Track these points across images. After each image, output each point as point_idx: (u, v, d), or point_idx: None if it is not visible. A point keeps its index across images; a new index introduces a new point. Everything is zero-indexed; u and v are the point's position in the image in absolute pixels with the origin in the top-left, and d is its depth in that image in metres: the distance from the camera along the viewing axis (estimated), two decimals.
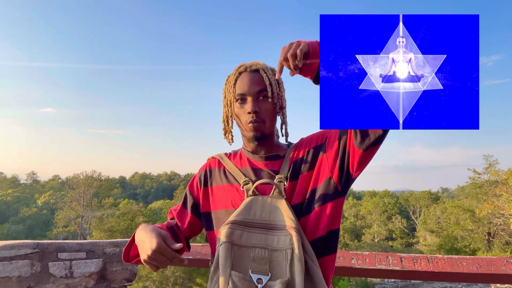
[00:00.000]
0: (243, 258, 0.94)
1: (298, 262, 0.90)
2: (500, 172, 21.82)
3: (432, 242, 27.37)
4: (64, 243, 1.99)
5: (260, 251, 0.95)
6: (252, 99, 1.11)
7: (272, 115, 1.14)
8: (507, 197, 19.05)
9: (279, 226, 0.99)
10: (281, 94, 1.16)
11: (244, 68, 1.15)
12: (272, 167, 1.14)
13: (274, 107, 1.13)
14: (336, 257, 1.12)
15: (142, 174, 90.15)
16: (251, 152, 1.18)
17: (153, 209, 35.08)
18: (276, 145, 1.20)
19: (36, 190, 66.18)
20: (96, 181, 39.49)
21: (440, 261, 1.84)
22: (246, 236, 0.97)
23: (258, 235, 0.98)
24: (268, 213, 1.02)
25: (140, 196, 72.55)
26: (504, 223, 21.97)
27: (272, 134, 1.17)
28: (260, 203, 1.04)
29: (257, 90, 1.11)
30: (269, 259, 0.94)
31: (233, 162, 1.21)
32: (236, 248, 0.95)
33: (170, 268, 17.19)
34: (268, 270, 0.92)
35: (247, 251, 0.95)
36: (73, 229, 37.49)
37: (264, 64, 1.17)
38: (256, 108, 1.10)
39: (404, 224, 41.30)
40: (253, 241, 0.97)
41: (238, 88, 1.13)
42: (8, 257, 1.81)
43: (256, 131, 1.11)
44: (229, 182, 1.16)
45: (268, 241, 0.97)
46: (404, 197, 47.68)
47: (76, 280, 1.95)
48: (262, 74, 1.12)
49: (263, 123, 1.11)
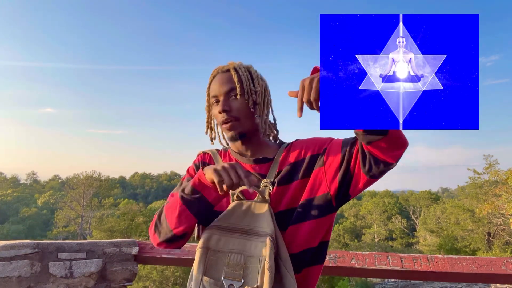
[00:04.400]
0: (217, 263, 0.94)
1: (267, 270, 0.88)
2: (500, 172, 21.83)
3: (432, 242, 27.37)
4: (64, 243, 1.99)
5: (236, 256, 0.94)
6: (223, 99, 1.09)
7: (246, 113, 1.10)
8: (507, 197, 19.05)
9: (259, 232, 0.97)
10: (256, 90, 1.12)
11: (217, 71, 1.14)
12: (260, 170, 1.11)
13: (247, 104, 1.10)
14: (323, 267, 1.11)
15: (142, 174, 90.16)
16: (238, 153, 1.16)
17: (153, 209, 35.05)
18: (264, 145, 1.17)
19: (36, 190, 66.19)
20: (96, 181, 39.52)
21: (440, 261, 1.84)
22: (224, 241, 0.97)
23: (237, 240, 0.97)
24: (249, 218, 1.00)
25: (140, 196, 72.57)
26: (504, 223, 21.97)
27: (254, 132, 1.14)
28: (244, 208, 1.02)
29: (227, 89, 1.09)
30: (244, 265, 0.93)
31: (223, 162, 1.18)
32: (212, 253, 0.95)
33: (170, 268, 17.19)
34: (241, 276, 0.92)
35: (222, 256, 0.95)
36: (73, 229, 37.49)
37: (239, 63, 1.15)
38: (225, 107, 1.08)
39: (404, 224, 41.30)
40: (230, 246, 0.96)
41: (211, 91, 1.13)
42: (8, 257, 1.81)
43: (231, 130, 1.09)
44: None
45: (246, 247, 0.95)
46: (404, 197, 47.69)
47: (76, 280, 1.95)
48: (232, 73, 1.10)
49: (237, 121, 1.09)
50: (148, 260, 2.11)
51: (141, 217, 26.84)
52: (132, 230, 24.01)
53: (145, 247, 2.12)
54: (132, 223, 24.73)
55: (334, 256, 1.98)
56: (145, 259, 2.10)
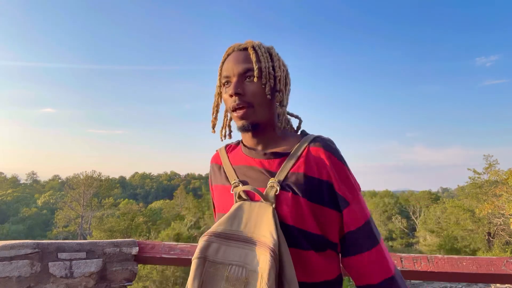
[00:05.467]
0: (215, 277, 0.80)
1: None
2: (500, 172, 21.81)
3: (432, 242, 27.36)
4: (64, 243, 1.99)
5: (237, 269, 0.79)
6: (236, 80, 0.92)
7: (263, 99, 0.93)
8: (507, 197, 19.03)
9: (261, 241, 0.81)
10: (277, 74, 0.95)
11: (233, 48, 0.98)
12: (269, 167, 0.93)
13: (264, 89, 0.92)
14: None
15: (142, 174, 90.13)
16: (248, 146, 1.00)
17: (153, 209, 35.07)
18: (280, 138, 0.98)
19: (36, 190, 66.18)
20: (96, 181, 39.52)
21: (440, 261, 1.84)
22: (223, 250, 0.82)
23: (238, 250, 0.82)
24: (253, 224, 0.85)
25: (140, 196, 72.57)
26: (504, 223, 21.95)
27: (269, 123, 0.97)
28: (247, 211, 0.87)
29: (242, 70, 0.92)
30: (246, 280, 0.78)
31: (230, 158, 1.03)
32: (210, 265, 0.81)
33: (170, 268, 17.18)
34: None
35: (222, 268, 0.80)
36: (73, 229, 37.49)
37: (259, 42, 0.98)
38: (238, 89, 0.91)
39: (404, 224, 41.27)
40: (231, 257, 0.81)
41: (224, 70, 0.96)
42: (8, 257, 1.81)
43: (244, 119, 0.92)
44: (223, 182, 1.01)
45: (248, 259, 0.80)
46: (404, 197, 47.67)
47: (76, 280, 1.95)
48: (250, 52, 0.93)
49: (250, 108, 0.92)
50: (148, 260, 2.11)
51: (141, 217, 26.85)
52: (132, 230, 24.01)
53: (145, 247, 2.12)
54: (132, 223, 24.72)
55: None
56: (145, 259, 2.10)
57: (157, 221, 28.29)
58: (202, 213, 28.44)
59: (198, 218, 28.08)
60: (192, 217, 27.99)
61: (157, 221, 28.29)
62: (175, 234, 20.01)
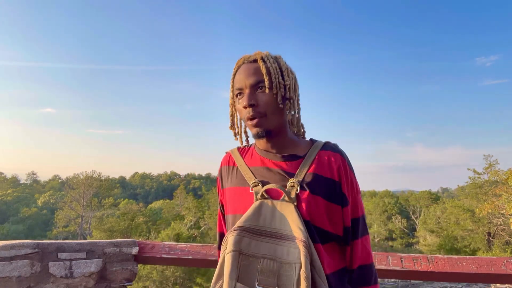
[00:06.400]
0: (250, 269, 0.87)
1: (304, 280, 0.83)
2: (500, 172, 21.81)
3: (432, 242, 27.36)
4: (64, 243, 1.99)
5: (269, 262, 0.87)
6: (248, 92, 1.00)
7: (274, 108, 1.00)
8: (507, 197, 19.02)
9: (289, 236, 0.90)
10: (286, 83, 1.02)
11: (243, 60, 1.05)
12: (289, 168, 1.01)
13: (276, 98, 1.00)
14: None
15: (142, 174, 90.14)
16: (263, 150, 1.07)
17: (153, 209, 35.09)
18: (292, 142, 1.07)
19: (36, 190, 66.17)
20: (96, 181, 39.47)
21: (440, 261, 1.84)
22: (254, 244, 0.90)
23: (267, 244, 0.90)
24: (278, 220, 0.93)
25: (140, 196, 72.57)
26: (504, 223, 21.95)
27: (282, 129, 1.05)
28: (270, 209, 0.95)
29: (253, 81, 1.00)
30: (278, 272, 0.86)
31: (245, 160, 1.09)
32: (243, 258, 0.88)
33: (170, 268, 17.18)
34: (275, 284, 0.86)
35: (255, 261, 0.88)
36: (73, 229, 37.48)
37: (266, 52, 1.05)
38: (252, 101, 0.99)
39: (404, 224, 41.27)
40: (262, 251, 0.89)
41: (236, 82, 1.04)
42: (8, 257, 1.81)
43: (258, 127, 1.00)
44: (239, 183, 1.06)
45: (278, 252, 0.88)
46: (404, 197, 47.65)
47: (76, 280, 1.95)
48: (260, 64, 1.01)
49: (264, 117, 0.99)
50: (148, 260, 2.11)
51: (141, 217, 26.84)
52: (132, 230, 23.99)
53: (145, 247, 2.12)
54: (132, 223, 24.70)
55: None
56: (145, 259, 2.09)
57: (157, 221, 28.25)
58: (202, 213, 28.44)
59: (198, 218, 28.08)
60: (192, 217, 27.99)
61: (157, 221, 28.25)
62: (175, 234, 20.02)
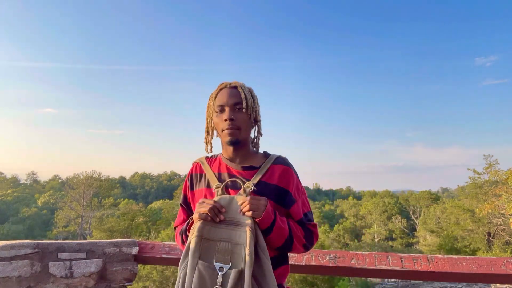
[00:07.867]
0: (209, 250, 1.14)
1: (247, 256, 1.09)
2: (500, 172, 21.79)
3: (432, 242, 27.34)
4: (64, 243, 1.99)
5: (224, 244, 1.15)
6: (229, 109, 1.30)
7: (247, 125, 1.32)
8: (507, 197, 19.02)
9: (241, 223, 1.17)
10: (256, 109, 1.36)
11: (225, 85, 1.35)
12: (246, 176, 1.31)
13: (249, 118, 1.33)
14: None
15: (142, 174, 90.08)
16: (229, 159, 1.36)
17: (153, 209, 35.01)
18: (252, 154, 1.38)
19: (36, 190, 66.12)
20: (96, 181, 39.43)
21: (440, 261, 1.84)
22: (214, 231, 1.17)
23: (224, 230, 1.17)
24: (234, 211, 1.20)
25: (140, 196, 72.49)
26: (504, 223, 21.94)
27: (247, 142, 1.35)
28: (228, 202, 1.22)
29: (234, 102, 1.30)
30: (231, 251, 1.13)
31: (211, 168, 1.38)
32: (205, 241, 1.15)
33: (170, 268, 17.18)
34: (229, 260, 1.12)
35: (213, 243, 1.15)
36: (73, 229, 37.45)
37: (242, 83, 1.38)
38: (232, 116, 1.29)
39: (404, 224, 41.28)
40: (219, 235, 1.17)
41: (218, 101, 1.33)
42: (8, 257, 1.81)
43: (232, 136, 1.29)
44: (206, 186, 1.35)
45: (232, 236, 1.16)
46: (404, 197, 47.63)
47: (76, 280, 1.95)
48: (239, 90, 1.32)
49: (238, 130, 1.30)
50: (148, 260, 2.11)
51: (141, 217, 26.80)
52: (132, 230, 23.99)
53: (145, 247, 2.12)
54: (132, 223, 24.69)
55: (334, 256, 1.98)
56: (145, 259, 2.10)
57: (157, 221, 28.22)
58: None
59: None
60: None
61: (157, 221, 28.22)
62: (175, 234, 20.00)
